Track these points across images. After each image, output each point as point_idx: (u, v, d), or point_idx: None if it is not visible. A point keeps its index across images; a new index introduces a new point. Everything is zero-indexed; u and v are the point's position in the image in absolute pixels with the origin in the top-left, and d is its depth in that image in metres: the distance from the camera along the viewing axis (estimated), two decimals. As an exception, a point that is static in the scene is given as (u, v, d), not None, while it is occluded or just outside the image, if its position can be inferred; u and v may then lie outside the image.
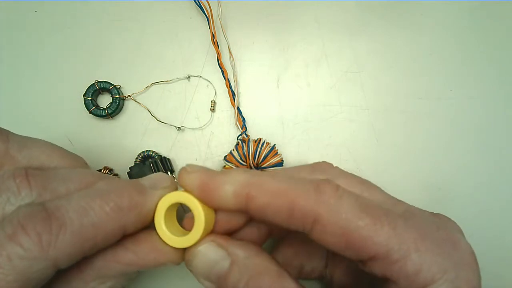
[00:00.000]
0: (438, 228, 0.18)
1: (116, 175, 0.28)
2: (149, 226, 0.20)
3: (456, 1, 0.33)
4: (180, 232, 0.20)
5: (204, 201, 0.18)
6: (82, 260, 0.17)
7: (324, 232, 0.17)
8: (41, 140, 0.21)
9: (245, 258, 0.18)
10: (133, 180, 0.20)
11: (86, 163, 0.22)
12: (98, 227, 0.17)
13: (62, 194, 0.18)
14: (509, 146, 0.30)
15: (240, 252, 0.19)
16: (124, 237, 0.19)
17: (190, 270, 0.19)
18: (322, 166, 0.21)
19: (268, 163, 0.27)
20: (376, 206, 0.18)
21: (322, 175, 0.20)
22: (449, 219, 0.20)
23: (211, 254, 0.19)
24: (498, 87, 0.31)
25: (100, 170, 0.28)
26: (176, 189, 0.20)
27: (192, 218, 0.19)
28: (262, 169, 0.28)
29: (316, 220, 0.17)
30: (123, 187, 0.18)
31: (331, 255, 0.24)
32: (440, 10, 0.33)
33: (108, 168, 0.28)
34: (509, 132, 0.31)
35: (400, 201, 0.20)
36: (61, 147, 0.21)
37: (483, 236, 0.29)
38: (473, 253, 0.18)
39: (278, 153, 0.28)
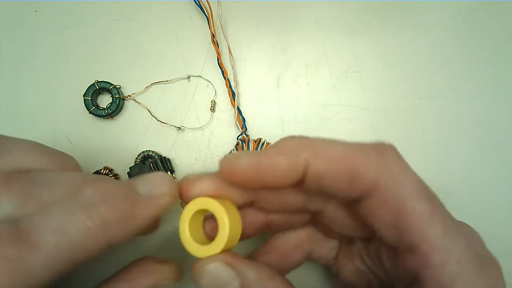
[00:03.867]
0: (477, 245, 0.17)
1: (116, 175, 0.28)
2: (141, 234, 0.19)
3: (456, 1, 0.33)
4: (205, 239, 0.19)
5: (258, 182, 0.17)
6: None
7: (378, 203, 0.16)
8: (25, 141, 0.18)
9: (257, 281, 0.17)
10: (127, 184, 0.17)
11: (77, 164, 0.20)
12: (78, 246, 0.15)
13: (47, 201, 0.15)
14: (509, 146, 0.30)
15: (251, 273, 0.17)
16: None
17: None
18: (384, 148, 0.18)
19: (268, 163, 0.27)
20: (434, 194, 0.16)
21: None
22: (472, 229, 0.19)
23: (219, 273, 0.17)
24: (498, 87, 0.31)
25: (100, 170, 0.28)
26: (177, 192, 0.18)
27: (213, 222, 0.18)
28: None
29: (376, 188, 0.16)
30: (113, 196, 0.16)
31: (343, 252, 0.23)
32: (440, 10, 0.33)
33: (108, 168, 0.28)
34: (509, 132, 0.31)
35: None
36: (49, 147, 0.19)
37: (483, 236, 0.29)
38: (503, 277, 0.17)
39: (278, 153, 0.28)
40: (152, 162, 0.28)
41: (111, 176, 0.28)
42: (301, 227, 0.23)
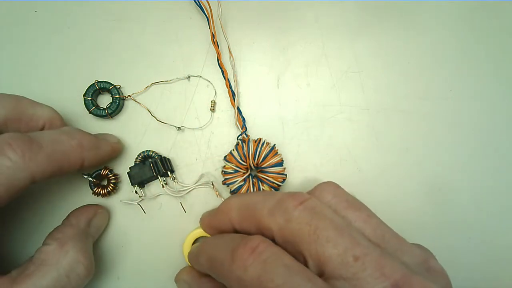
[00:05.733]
0: None
1: (116, 175, 0.28)
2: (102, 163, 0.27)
3: (456, 1, 0.33)
4: None
5: (215, 231, 0.25)
6: None
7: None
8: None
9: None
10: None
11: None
12: (66, 155, 0.22)
13: (36, 125, 0.25)
14: (509, 146, 0.30)
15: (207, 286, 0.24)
16: None
17: None
18: (322, 187, 0.22)
19: (268, 163, 0.27)
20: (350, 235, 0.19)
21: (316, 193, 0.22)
22: (424, 251, 0.20)
23: (188, 280, 0.25)
24: (498, 87, 0.31)
25: (100, 170, 0.28)
26: (120, 144, 0.28)
27: None
28: (262, 169, 0.28)
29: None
30: (84, 132, 0.25)
31: None
32: (440, 10, 0.33)
33: (108, 168, 0.28)
34: (509, 132, 0.31)
35: (395, 237, 0.20)
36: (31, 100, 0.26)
37: (484, 236, 0.29)
38: None
39: (278, 153, 0.28)
40: (152, 162, 0.28)
41: (111, 176, 0.28)
42: None
